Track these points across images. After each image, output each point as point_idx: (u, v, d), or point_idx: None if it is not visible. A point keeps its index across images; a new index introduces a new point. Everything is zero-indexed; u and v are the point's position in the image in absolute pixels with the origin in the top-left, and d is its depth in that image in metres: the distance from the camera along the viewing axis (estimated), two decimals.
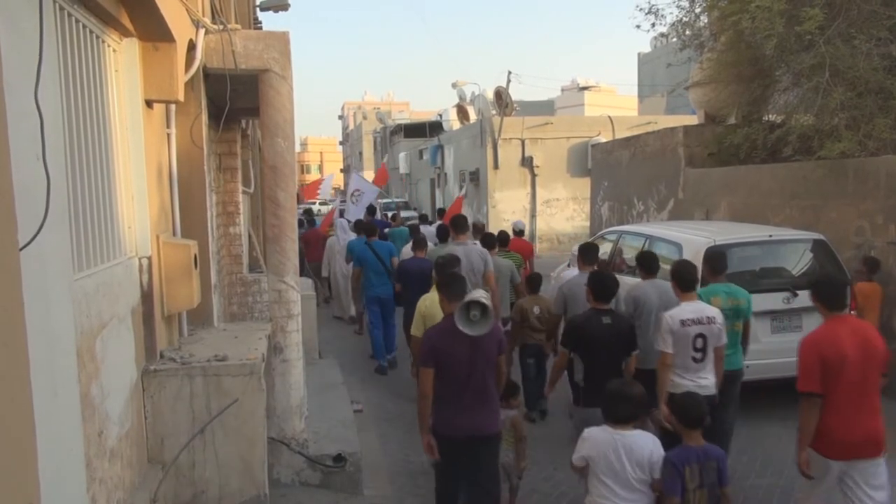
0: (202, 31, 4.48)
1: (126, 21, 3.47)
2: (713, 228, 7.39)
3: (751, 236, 6.93)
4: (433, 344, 4.04)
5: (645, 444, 3.32)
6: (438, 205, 29.83)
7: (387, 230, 11.81)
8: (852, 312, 6.53)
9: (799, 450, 3.84)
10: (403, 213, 20.93)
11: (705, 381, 4.57)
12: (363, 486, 4.97)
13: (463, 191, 18.38)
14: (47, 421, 1.98)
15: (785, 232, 7.22)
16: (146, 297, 3.77)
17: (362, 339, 10.20)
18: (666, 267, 5.79)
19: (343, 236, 10.89)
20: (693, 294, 4.70)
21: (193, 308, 4.36)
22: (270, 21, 36.90)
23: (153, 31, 3.65)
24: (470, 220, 8.02)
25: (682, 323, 4.51)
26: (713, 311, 4.66)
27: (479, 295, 3.99)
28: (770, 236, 6.86)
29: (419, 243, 7.69)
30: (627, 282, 5.95)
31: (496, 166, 23.17)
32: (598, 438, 3.38)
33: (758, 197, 9.26)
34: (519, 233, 10.09)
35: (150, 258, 3.83)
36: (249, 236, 8.21)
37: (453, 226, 7.12)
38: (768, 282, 6.52)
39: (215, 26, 4.63)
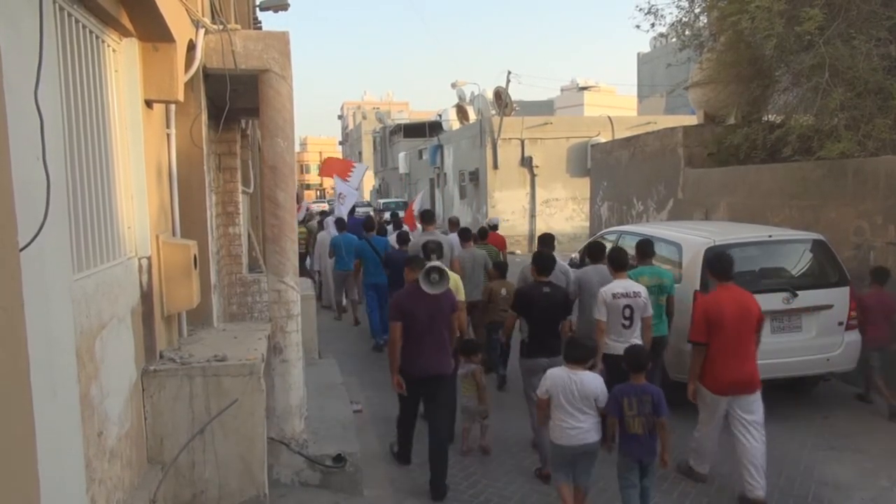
0: (202, 32, 4.48)
1: (126, 21, 3.47)
2: (712, 228, 7.39)
3: (750, 236, 6.92)
4: (401, 303, 5.18)
5: (591, 381, 4.40)
6: (438, 205, 29.84)
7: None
8: (852, 313, 6.54)
9: (689, 384, 5.04)
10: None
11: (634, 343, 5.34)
12: (363, 486, 4.96)
13: (419, 196, 19.38)
14: (47, 421, 1.98)
15: (784, 232, 7.22)
16: (146, 297, 3.77)
17: (362, 339, 10.24)
18: (665, 266, 6.65)
19: (332, 233, 12.13)
20: (624, 274, 5.78)
21: (193, 308, 4.36)
22: (270, 21, 36.90)
23: (153, 31, 3.65)
24: (469, 220, 10.28)
25: (614, 296, 5.58)
26: (639, 288, 5.70)
27: (438, 263, 5.25)
28: (769, 236, 6.86)
29: (402, 237, 9.02)
30: None
31: (496, 166, 23.19)
32: (558, 376, 4.42)
33: (757, 197, 9.27)
34: (493, 227, 11.56)
35: (149, 258, 3.83)
36: (249, 236, 8.21)
37: (423, 218, 8.86)
38: (768, 282, 6.52)
39: (215, 26, 4.63)
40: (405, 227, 11.96)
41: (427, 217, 8.82)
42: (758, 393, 4.88)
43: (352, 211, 15.25)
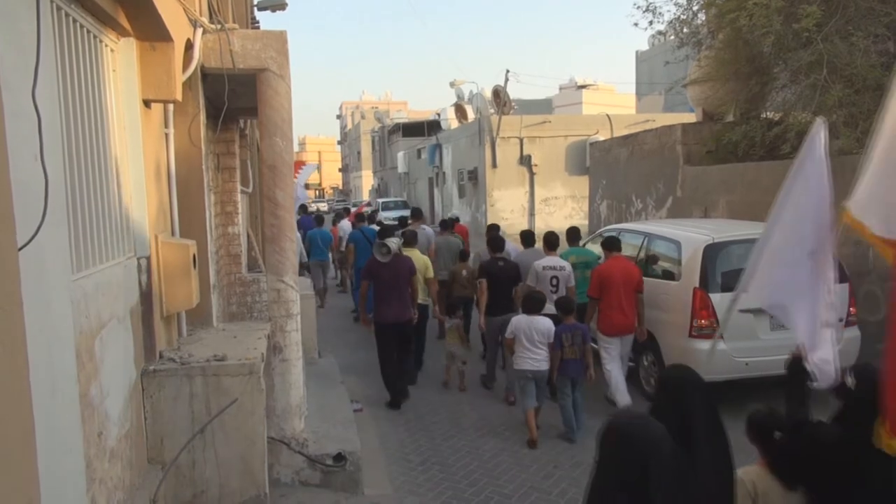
0: (200, 31, 4.47)
1: (123, 21, 3.47)
2: (711, 226, 7.39)
3: (749, 234, 6.91)
4: (369, 268, 7.20)
5: (543, 323, 6.07)
6: (437, 205, 29.83)
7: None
8: (852, 310, 6.54)
9: (586, 322, 6.60)
10: (403, 213, 22.27)
11: None
12: (363, 485, 4.96)
13: (369, 197, 20.46)
14: (47, 421, 1.98)
15: None
16: (145, 297, 3.77)
17: (362, 339, 10.23)
18: (666, 265, 6.88)
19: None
20: (554, 253, 7.27)
21: (192, 308, 4.36)
22: (268, 21, 36.89)
23: (151, 30, 3.64)
24: (468, 219, 11.11)
25: (543, 268, 7.08)
26: (564, 263, 7.14)
27: (390, 241, 7.23)
28: None
29: (385, 233, 10.00)
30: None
31: (494, 165, 23.18)
32: (519, 321, 6.12)
33: (756, 194, 9.26)
34: (456, 220, 13.43)
35: (148, 258, 3.82)
36: (248, 236, 8.21)
37: (412, 215, 11.45)
38: None
39: (213, 26, 4.62)
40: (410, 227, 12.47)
41: (416, 213, 11.48)
42: (633, 335, 6.69)
43: (303, 209, 16.77)
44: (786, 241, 3.06)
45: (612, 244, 6.87)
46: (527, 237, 8.61)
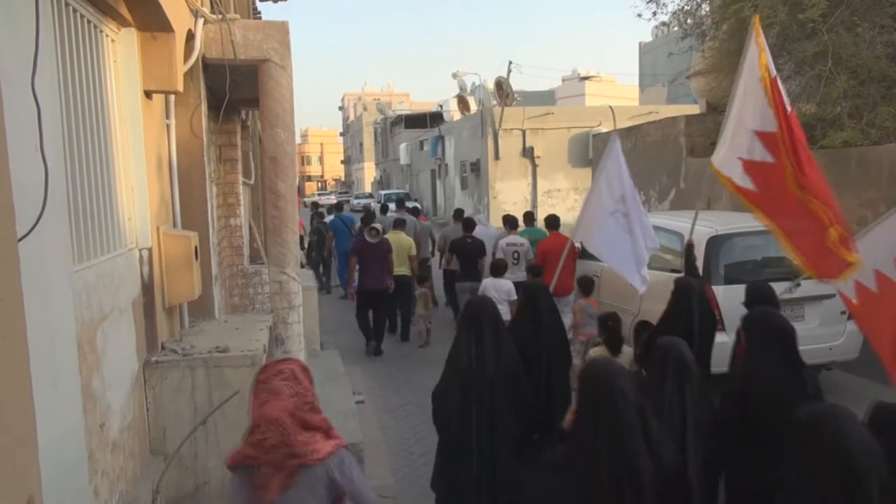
0: (201, 21, 4.44)
1: (124, 11, 3.45)
2: (715, 218, 7.36)
3: (753, 226, 6.87)
4: (357, 248, 8.83)
5: (505, 284, 7.34)
6: (439, 196, 29.77)
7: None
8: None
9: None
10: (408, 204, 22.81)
11: (520, 275, 8.19)
12: (365, 476, 4.97)
13: (371, 189, 20.98)
14: (48, 413, 1.98)
15: None
16: (147, 288, 3.76)
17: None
18: (669, 257, 6.83)
19: None
20: (515, 231, 9.06)
21: (194, 299, 4.36)
22: (270, 11, 36.81)
23: (151, 20, 3.62)
24: (471, 210, 12.41)
25: (507, 244, 8.74)
26: (524, 240, 8.82)
27: (377, 224, 9.25)
28: None
29: (368, 219, 11.26)
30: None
31: (497, 157, 23.11)
32: (488, 282, 7.40)
33: None
34: (419, 209, 14.79)
35: (150, 249, 3.82)
36: (250, 228, 8.21)
37: (398, 204, 12.51)
38: (770, 271, 6.50)
39: (214, 16, 4.60)
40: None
41: (399, 203, 12.72)
42: (573, 295, 7.49)
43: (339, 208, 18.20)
44: (596, 208, 4.99)
45: (552, 223, 8.50)
46: (527, 217, 10.36)
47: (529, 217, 10.18)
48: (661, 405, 2.85)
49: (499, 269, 7.60)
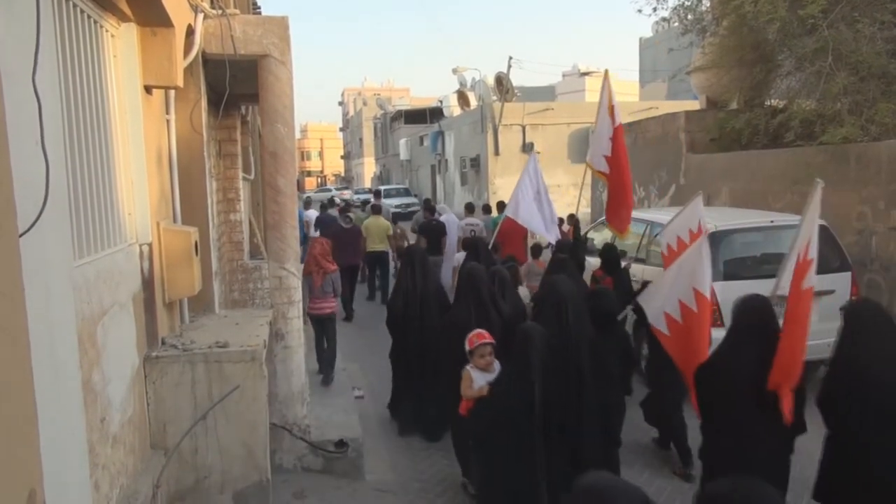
0: (201, 16, 4.44)
1: (124, 6, 3.44)
2: (714, 214, 7.37)
3: (752, 222, 6.91)
4: (333, 230, 10.50)
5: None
6: (439, 191, 29.75)
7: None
8: (853, 298, 6.53)
9: None
10: (405, 200, 24.21)
11: None
12: (365, 470, 4.99)
13: (371, 184, 21.90)
14: (49, 407, 1.98)
15: (787, 217, 7.18)
16: (147, 283, 3.77)
17: (363, 326, 10.28)
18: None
19: None
20: (472, 214, 11.75)
21: (194, 295, 4.36)
22: (270, 6, 36.74)
23: (151, 15, 3.62)
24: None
25: (465, 224, 11.26)
26: (479, 221, 11.44)
27: (350, 213, 12.00)
28: (772, 222, 6.83)
29: (344, 210, 13.14)
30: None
31: (497, 152, 23.10)
32: (460, 257, 8.25)
33: (759, 182, 9.24)
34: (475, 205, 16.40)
35: (150, 245, 3.82)
36: (250, 223, 8.20)
37: (375, 195, 16.31)
38: (770, 267, 6.48)
39: (214, 11, 4.59)
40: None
41: (376, 195, 16.11)
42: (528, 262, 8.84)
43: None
44: (523, 196, 7.86)
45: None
46: (500, 205, 12.02)
47: (501, 205, 11.77)
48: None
49: (468, 246, 8.72)
